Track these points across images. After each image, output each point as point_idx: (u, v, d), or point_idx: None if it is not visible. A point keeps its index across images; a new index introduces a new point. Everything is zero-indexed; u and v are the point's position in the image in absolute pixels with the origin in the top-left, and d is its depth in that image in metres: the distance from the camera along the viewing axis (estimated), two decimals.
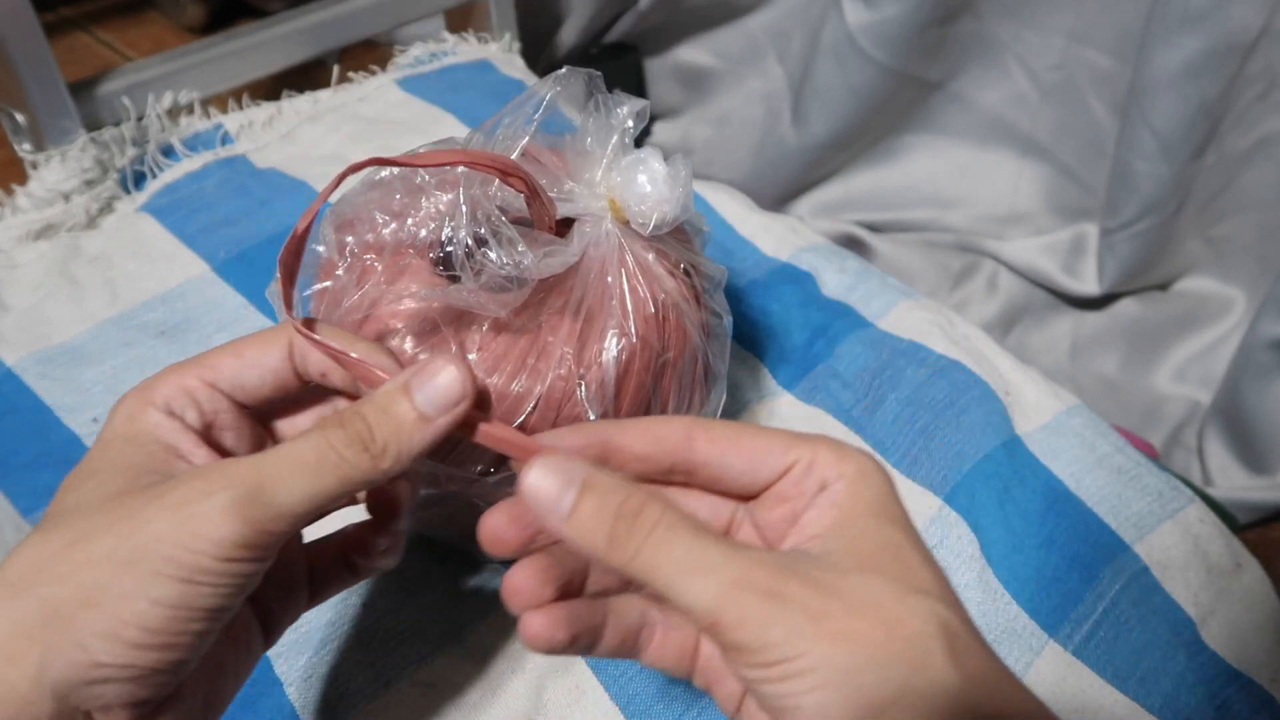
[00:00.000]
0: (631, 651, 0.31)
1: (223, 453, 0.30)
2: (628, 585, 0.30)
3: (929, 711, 0.24)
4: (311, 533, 0.33)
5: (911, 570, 0.26)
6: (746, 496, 0.30)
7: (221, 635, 0.30)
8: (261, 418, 0.32)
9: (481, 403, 0.30)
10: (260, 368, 0.30)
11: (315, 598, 0.34)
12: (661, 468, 0.29)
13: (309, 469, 0.27)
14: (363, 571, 0.34)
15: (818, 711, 0.24)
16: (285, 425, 0.33)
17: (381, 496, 0.33)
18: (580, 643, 0.29)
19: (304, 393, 0.32)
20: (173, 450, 0.29)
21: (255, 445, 0.32)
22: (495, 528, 0.28)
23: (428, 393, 0.28)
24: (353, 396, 0.32)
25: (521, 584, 0.29)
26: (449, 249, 0.39)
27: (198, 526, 0.25)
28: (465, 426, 0.29)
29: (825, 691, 0.24)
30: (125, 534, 0.25)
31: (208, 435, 0.30)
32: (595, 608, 0.30)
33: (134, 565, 0.25)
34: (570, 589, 0.30)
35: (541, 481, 0.25)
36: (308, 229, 0.32)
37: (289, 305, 0.32)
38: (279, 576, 0.33)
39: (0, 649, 0.24)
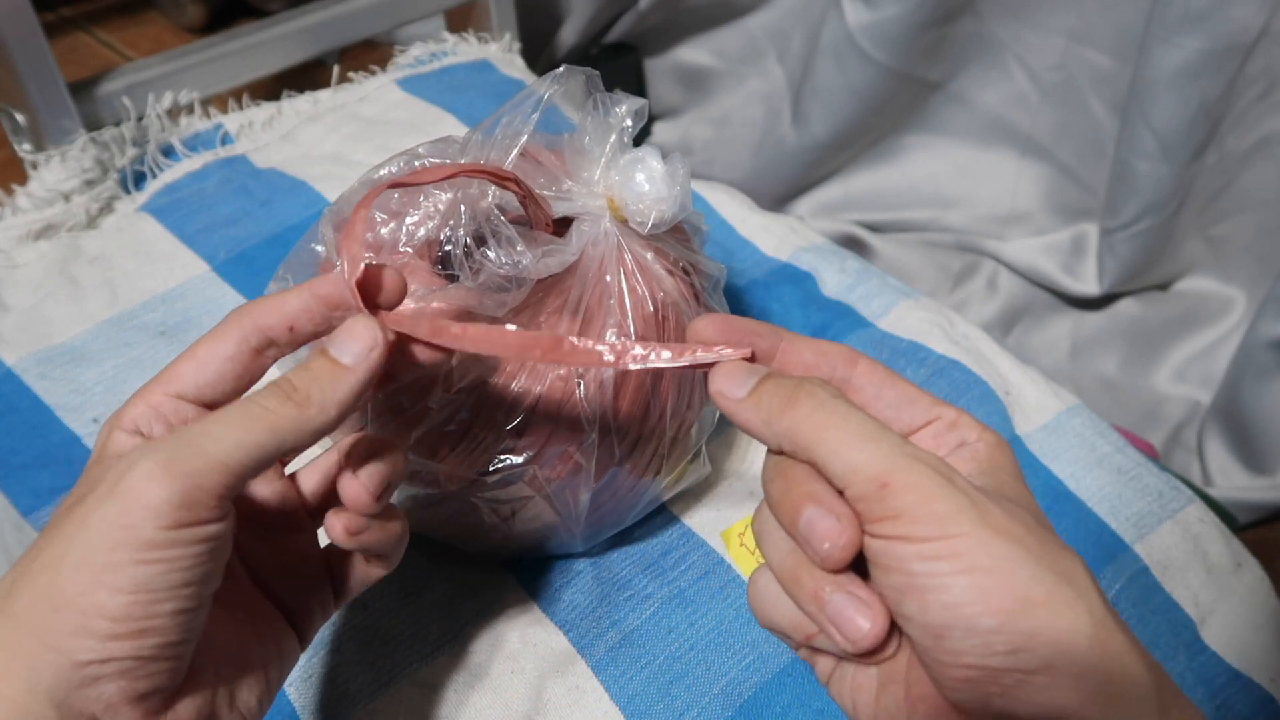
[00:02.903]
0: None
1: None
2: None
3: (1076, 622, 0.24)
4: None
5: (1048, 525, 0.27)
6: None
7: (240, 628, 0.30)
8: None
9: (437, 330, 0.31)
10: (215, 361, 0.30)
11: (340, 596, 0.34)
12: (824, 379, 0.30)
13: (235, 421, 0.27)
14: (383, 560, 0.35)
15: (966, 593, 0.24)
16: None
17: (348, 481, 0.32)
18: None
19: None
20: None
21: None
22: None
23: (341, 344, 0.29)
24: None
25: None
26: (447, 248, 0.39)
27: (130, 499, 0.25)
28: (409, 361, 0.31)
29: (979, 575, 0.24)
30: (73, 534, 0.25)
31: None
32: None
33: (85, 561, 0.25)
34: None
35: (730, 370, 0.29)
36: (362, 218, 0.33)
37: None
38: (295, 575, 0.33)
39: None
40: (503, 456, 0.40)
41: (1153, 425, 0.90)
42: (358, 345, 0.29)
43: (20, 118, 0.65)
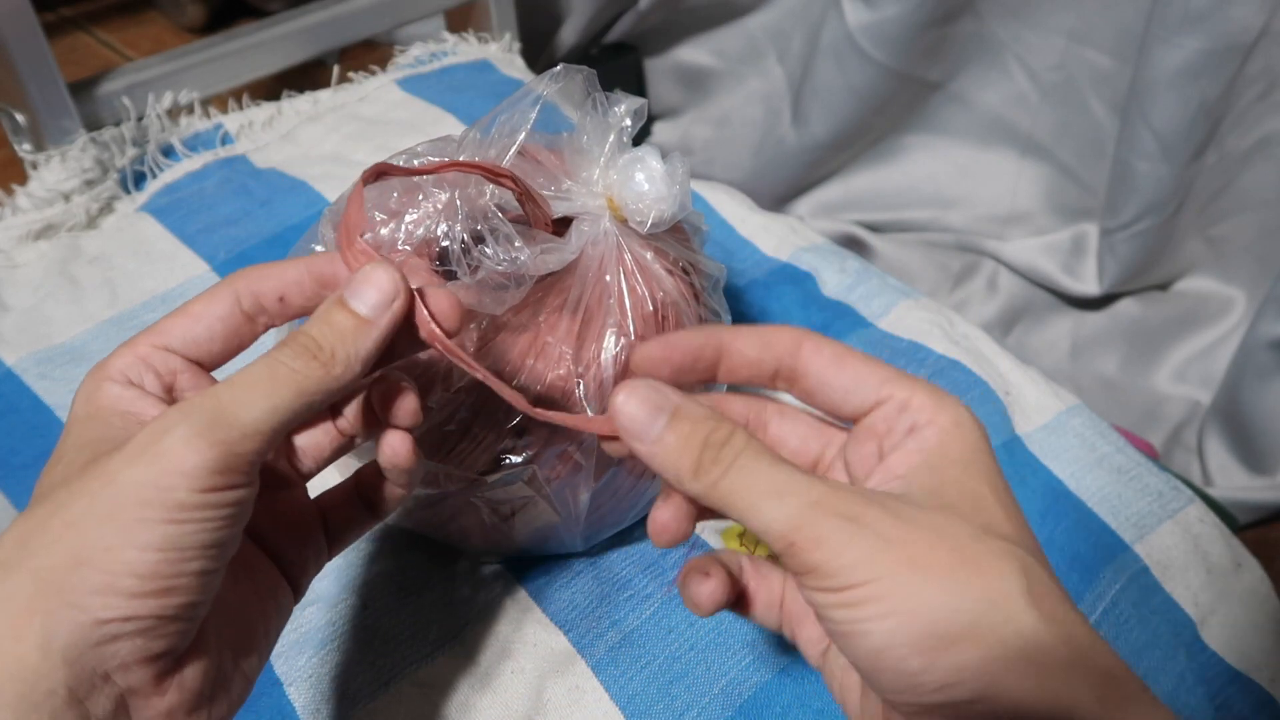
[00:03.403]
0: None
1: None
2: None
3: (1001, 648, 0.23)
4: (316, 486, 0.33)
5: (991, 517, 0.26)
6: (840, 418, 0.30)
7: (239, 585, 0.30)
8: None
9: (446, 318, 0.30)
10: (207, 319, 0.30)
11: (335, 545, 0.34)
12: (767, 372, 0.29)
13: (263, 385, 0.27)
14: (381, 508, 0.34)
15: (886, 638, 0.24)
16: None
17: (388, 398, 0.32)
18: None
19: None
20: (133, 417, 0.28)
21: None
22: (662, 522, 0.29)
23: (362, 296, 0.28)
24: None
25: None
26: (445, 243, 0.39)
27: (166, 463, 0.25)
28: (416, 336, 0.30)
29: (896, 619, 0.24)
30: (98, 490, 0.25)
31: (170, 398, 0.30)
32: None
33: (113, 517, 0.25)
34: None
35: (631, 407, 0.26)
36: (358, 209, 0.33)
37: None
38: (289, 529, 0.32)
39: (1, 627, 0.24)
40: (503, 456, 0.40)
41: (1153, 425, 0.90)
42: (377, 295, 0.28)
43: (20, 118, 0.65)
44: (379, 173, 0.35)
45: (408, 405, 0.31)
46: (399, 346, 0.30)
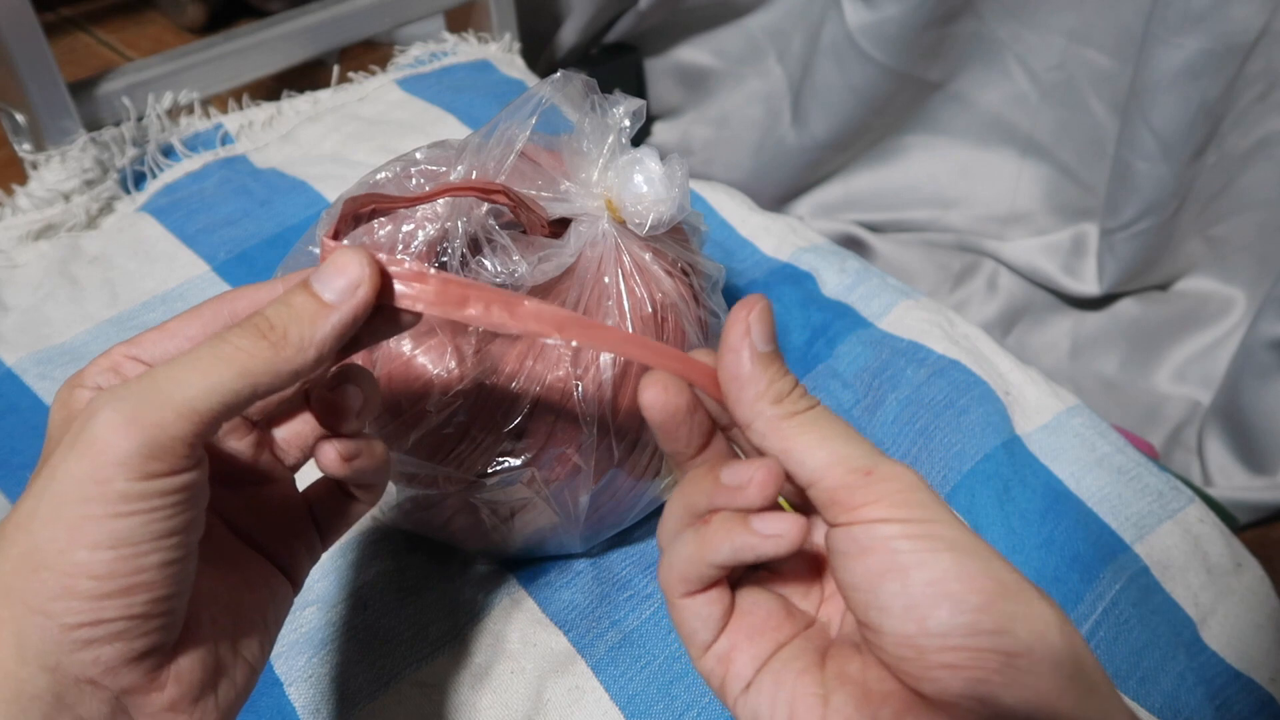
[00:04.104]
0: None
1: None
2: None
3: (1048, 609, 0.24)
4: (305, 477, 0.33)
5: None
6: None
7: (227, 575, 0.29)
8: None
9: (443, 298, 0.28)
10: (180, 337, 0.29)
11: (328, 537, 0.33)
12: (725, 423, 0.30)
13: (203, 363, 0.25)
14: (360, 499, 0.33)
15: (953, 568, 0.24)
16: None
17: (327, 403, 0.31)
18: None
19: None
20: None
21: None
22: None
23: (327, 280, 0.27)
24: None
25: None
26: (444, 260, 0.39)
27: (98, 453, 0.24)
28: (385, 324, 0.29)
29: (961, 555, 0.24)
30: (42, 489, 0.24)
31: None
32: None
33: (59, 516, 0.24)
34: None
35: (759, 327, 0.27)
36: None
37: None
38: (276, 524, 0.32)
39: None
40: (501, 458, 0.40)
41: (1153, 425, 0.90)
42: (342, 280, 0.27)
43: (20, 118, 0.66)
44: (361, 210, 0.35)
45: (348, 407, 0.30)
46: (364, 337, 0.29)
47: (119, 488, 0.24)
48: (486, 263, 0.38)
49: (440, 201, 0.40)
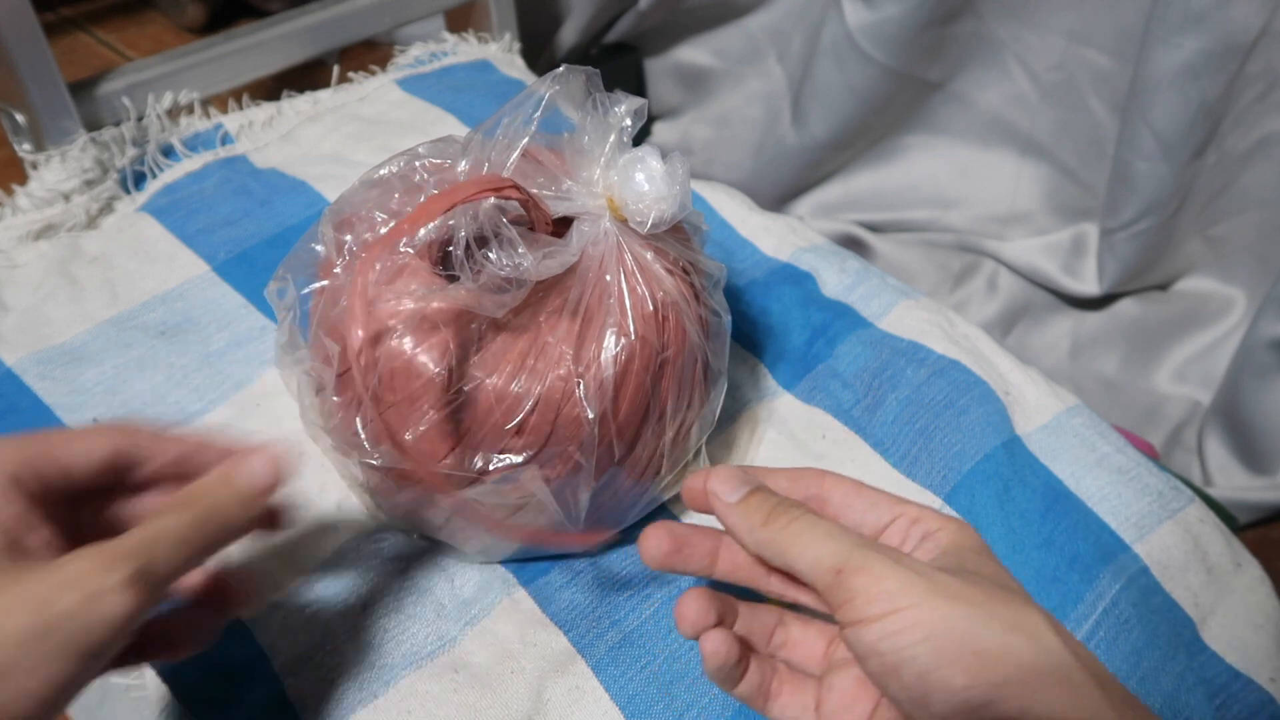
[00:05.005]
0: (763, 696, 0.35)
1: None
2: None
3: (1036, 667, 0.26)
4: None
5: (1012, 584, 0.30)
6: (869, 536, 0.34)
7: None
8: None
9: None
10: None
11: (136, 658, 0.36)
12: (800, 499, 0.34)
13: (181, 536, 0.30)
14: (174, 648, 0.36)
15: (931, 659, 0.26)
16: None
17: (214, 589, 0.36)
18: (739, 666, 0.34)
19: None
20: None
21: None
22: (654, 539, 0.35)
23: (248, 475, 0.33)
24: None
25: (690, 610, 0.34)
26: (449, 249, 0.39)
27: (101, 607, 0.27)
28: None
29: (936, 641, 0.26)
30: (33, 610, 0.26)
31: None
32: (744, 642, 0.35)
33: (40, 642, 0.26)
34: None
35: (727, 476, 0.33)
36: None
37: None
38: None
39: None
40: (502, 456, 0.40)
41: (1153, 425, 0.90)
42: (261, 482, 0.34)
43: (20, 118, 0.65)
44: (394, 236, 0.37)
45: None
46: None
47: (104, 638, 0.27)
48: (491, 255, 0.38)
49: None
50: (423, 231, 0.39)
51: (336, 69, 0.78)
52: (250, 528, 0.33)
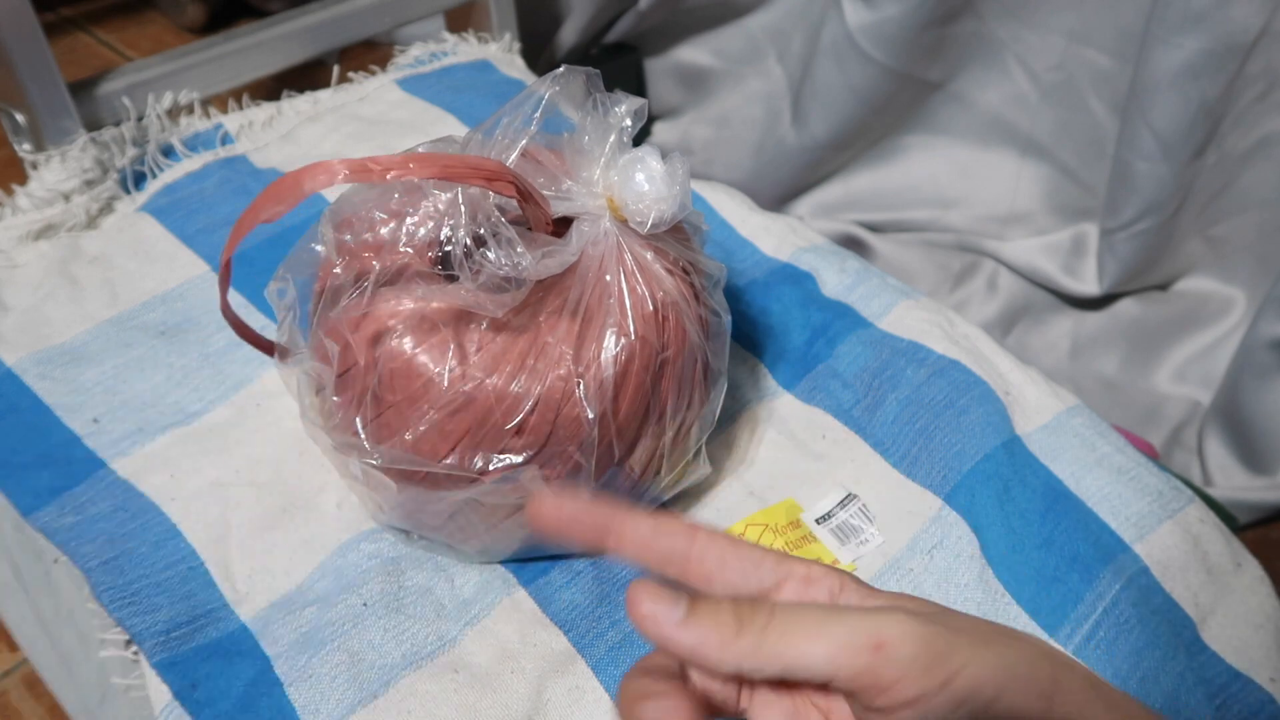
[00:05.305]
0: None
1: None
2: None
3: (1063, 678, 0.25)
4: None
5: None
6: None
7: None
8: None
9: None
10: None
11: None
12: (659, 554, 0.29)
13: None
14: None
15: (1016, 701, 0.24)
16: None
17: None
18: None
19: None
20: None
21: None
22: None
23: None
24: None
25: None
26: (448, 249, 0.39)
27: None
28: None
29: (1009, 685, 0.24)
30: None
31: None
32: None
33: None
34: None
35: (651, 601, 0.26)
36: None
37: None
38: None
39: None
40: (502, 456, 0.40)
41: (1153, 425, 0.90)
42: None
43: (20, 118, 0.65)
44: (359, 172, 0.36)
45: None
46: None
47: None
48: (490, 254, 0.38)
49: (444, 198, 0.40)
50: (423, 231, 0.39)
51: (336, 69, 0.78)
52: None
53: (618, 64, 1.11)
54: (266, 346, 0.42)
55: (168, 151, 0.70)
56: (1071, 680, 0.26)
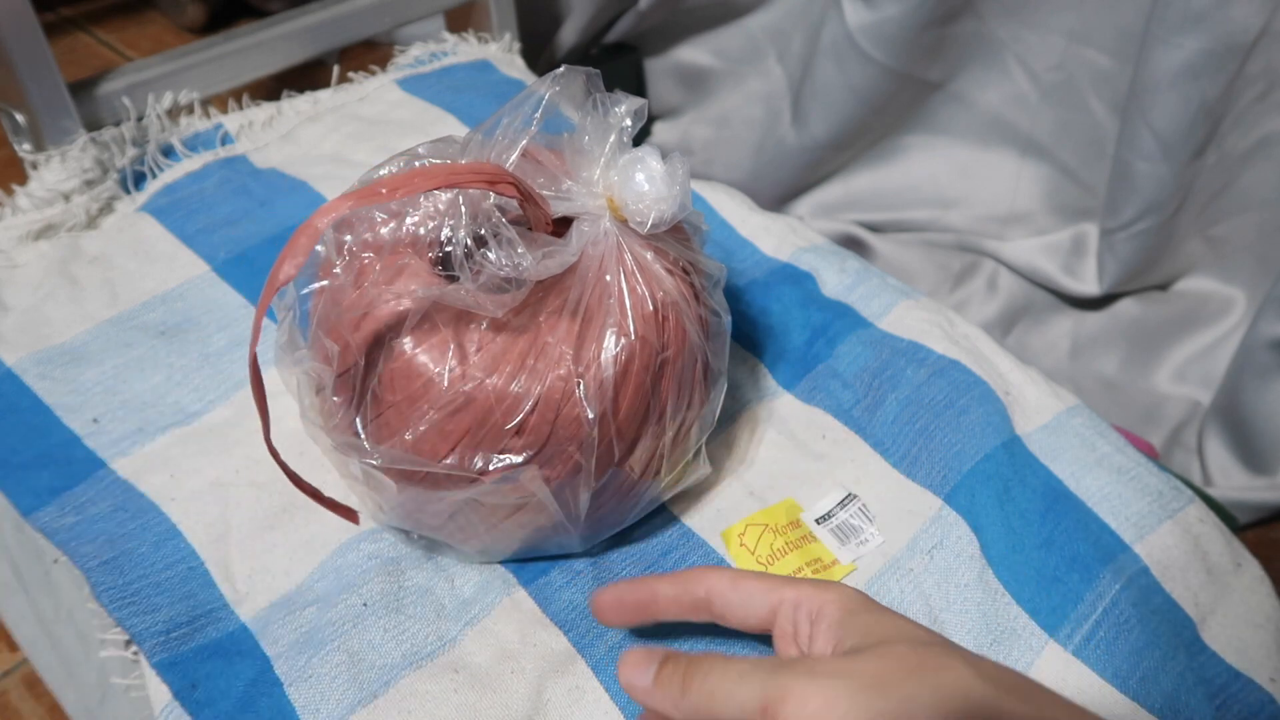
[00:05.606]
0: None
1: None
2: None
3: (945, 697, 0.27)
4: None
5: (917, 632, 0.30)
6: (750, 629, 0.36)
7: None
8: None
9: None
10: None
11: None
12: (689, 604, 0.36)
13: None
14: None
15: None
16: None
17: None
18: None
19: None
20: None
21: None
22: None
23: None
24: None
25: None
26: (448, 249, 0.39)
27: None
28: None
29: None
30: None
31: None
32: None
33: None
34: None
35: (631, 671, 0.33)
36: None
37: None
38: None
39: None
40: (502, 456, 0.40)
41: (1153, 425, 0.90)
42: None
43: (20, 118, 0.65)
44: (363, 199, 0.37)
45: None
46: None
47: None
48: (490, 255, 0.38)
49: (444, 198, 0.40)
50: (423, 231, 0.39)
51: (336, 69, 0.78)
52: None
53: (618, 64, 1.11)
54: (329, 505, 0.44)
55: (168, 151, 0.70)
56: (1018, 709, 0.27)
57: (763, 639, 0.44)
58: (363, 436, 0.40)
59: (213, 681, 0.42)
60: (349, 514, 0.43)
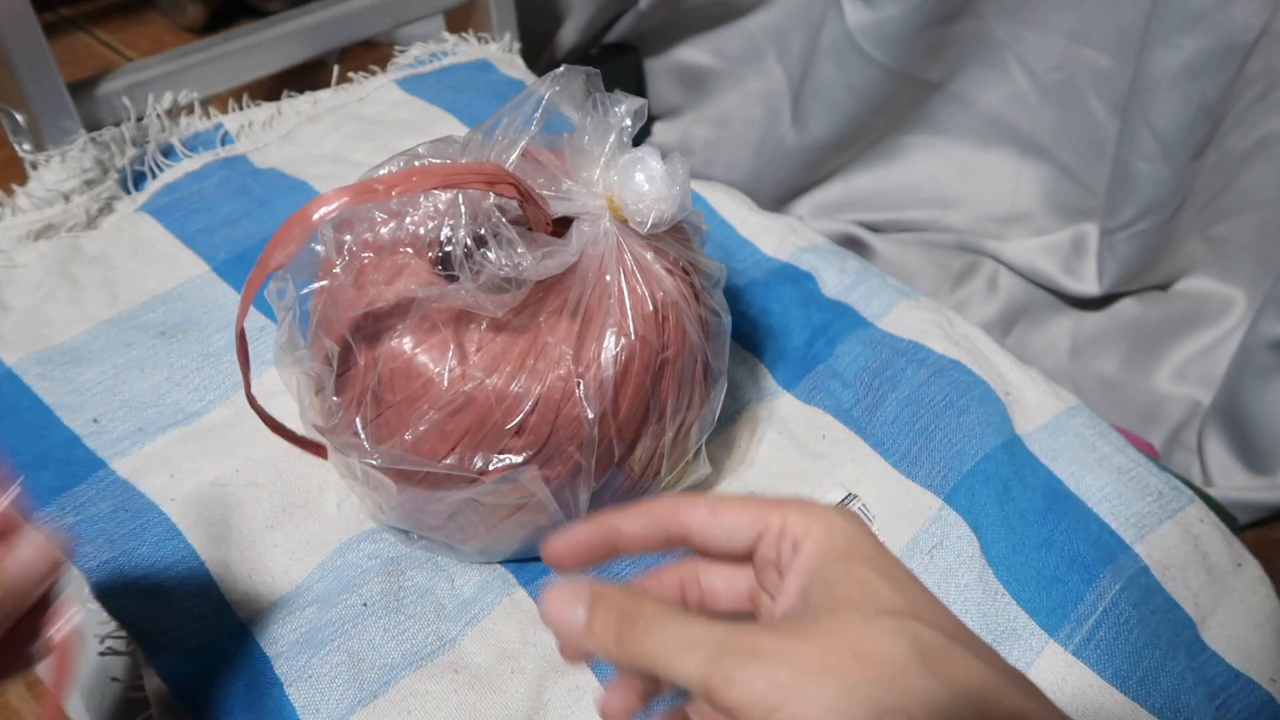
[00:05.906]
0: None
1: None
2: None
3: (882, 695, 0.25)
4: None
5: (878, 597, 0.28)
6: (740, 559, 0.32)
7: None
8: None
9: None
10: None
11: None
12: (661, 539, 0.32)
13: None
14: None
15: None
16: None
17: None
18: None
19: None
20: None
21: None
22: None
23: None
24: None
25: (614, 706, 0.33)
26: (448, 249, 0.40)
27: None
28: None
29: None
30: None
31: None
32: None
33: None
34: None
35: (558, 607, 0.29)
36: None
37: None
38: None
39: None
40: (502, 456, 0.40)
41: (1153, 425, 0.90)
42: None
43: (20, 118, 0.65)
44: (360, 197, 0.37)
45: None
46: None
47: None
48: (490, 255, 0.38)
49: (444, 197, 0.40)
50: (423, 231, 0.39)
51: (336, 69, 0.78)
52: (14, 616, 0.31)
53: (618, 64, 1.11)
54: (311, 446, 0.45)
55: (168, 151, 0.70)
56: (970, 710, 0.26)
57: None
58: (363, 436, 0.40)
59: (212, 681, 0.42)
60: (318, 450, 0.44)
